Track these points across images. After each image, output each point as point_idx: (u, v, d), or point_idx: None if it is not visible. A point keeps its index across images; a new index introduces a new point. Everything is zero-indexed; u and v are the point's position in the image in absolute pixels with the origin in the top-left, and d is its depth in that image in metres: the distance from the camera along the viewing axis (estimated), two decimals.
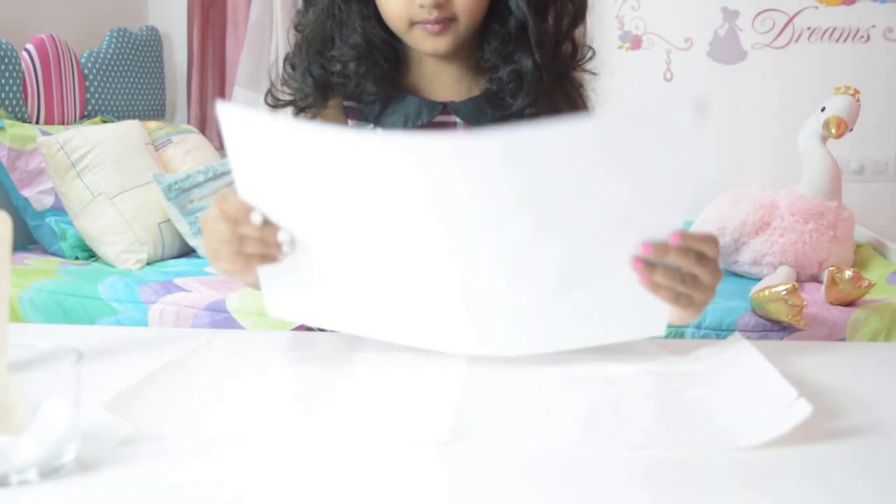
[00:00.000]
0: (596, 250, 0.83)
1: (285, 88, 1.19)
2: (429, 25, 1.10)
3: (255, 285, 0.95)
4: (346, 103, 1.19)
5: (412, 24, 1.11)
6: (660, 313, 0.90)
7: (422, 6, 1.09)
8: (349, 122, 1.18)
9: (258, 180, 0.84)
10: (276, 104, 1.19)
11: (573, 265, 0.83)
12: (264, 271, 0.91)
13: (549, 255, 0.82)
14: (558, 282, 0.85)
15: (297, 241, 0.87)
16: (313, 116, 1.17)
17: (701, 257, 0.85)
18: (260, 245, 0.87)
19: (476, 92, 1.20)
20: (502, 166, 0.73)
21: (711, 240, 0.87)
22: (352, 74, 1.14)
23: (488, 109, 1.17)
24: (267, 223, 0.86)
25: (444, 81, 1.21)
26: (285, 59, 1.19)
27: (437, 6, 1.09)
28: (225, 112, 0.79)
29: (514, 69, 1.15)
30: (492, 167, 0.73)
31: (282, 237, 0.86)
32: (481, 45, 1.18)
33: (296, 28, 1.18)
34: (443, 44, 1.12)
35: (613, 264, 0.84)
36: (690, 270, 0.86)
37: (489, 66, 1.17)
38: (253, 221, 0.86)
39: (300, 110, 1.17)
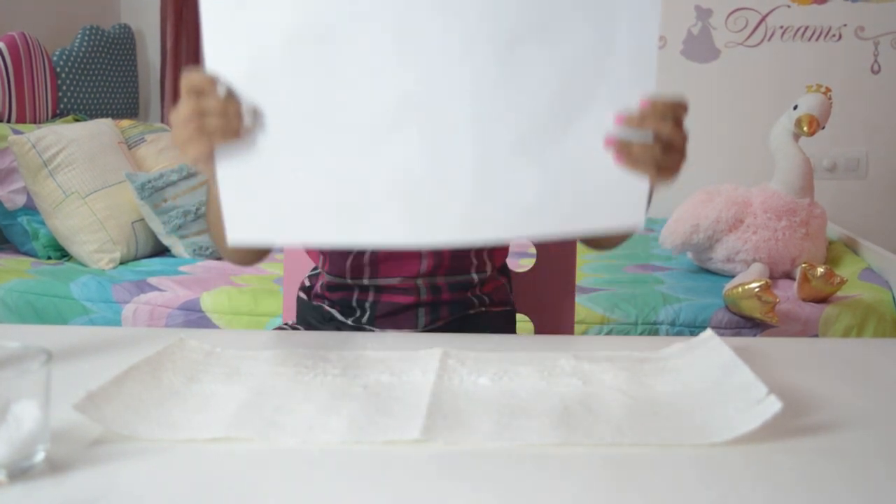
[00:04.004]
0: (564, 109, 0.81)
1: None
2: None
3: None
4: None
5: None
6: (638, 200, 0.87)
7: None
8: None
9: (229, 48, 0.82)
10: None
11: (539, 120, 0.82)
12: (226, 184, 0.88)
13: (515, 105, 0.80)
14: (524, 135, 0.82)
15: (260, 115, 0.84)
16: None
17: (677, 121, 0.85)
18: (222, 117, 0.85)
19: None
20: None
21: (682, 101, 0.86)
22: None
23: None
24: (231, 95, 0.85)
25: None
26: None
27: None
28: None
29: None
30: None
31: (245, 107, 0.85)
32: None
33: None
34: None
35: (584, 135, 0.83)
36: (668, 136, 0.85)
37: None
38: (218, 93, 0.84)
39: None
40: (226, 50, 0.82)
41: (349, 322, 1.25)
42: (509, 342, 1.06)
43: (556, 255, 1.48)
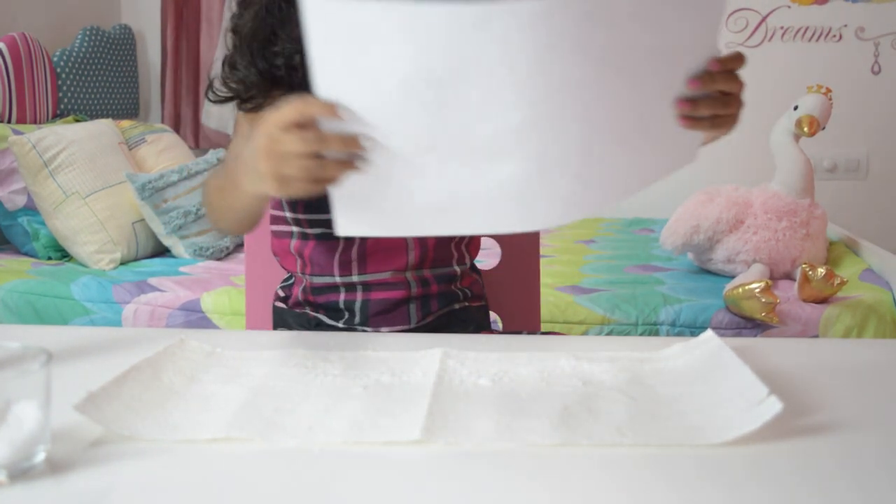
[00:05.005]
0: (642, 89, 0.84)
1: (228, 84, 1.16)
2: None
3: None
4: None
5: None
6: (694, 139, 0.93)
7: None
8: None
9: (340, 74, 0.79)
10: (217, 100, 1.18)
11: (633, 108, 0.85)
12: (336, 189, 0.85)
13: (611, 101, 0.83)
14: (610, 123, 0.85)
15: (375, 143, 0.81)
16: (255, 108, 1.14)
17: (736, 75, 0.89)
18: (343, 145, 0.81)
19: None
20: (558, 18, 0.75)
21: (739, 54, 0.90)
22: (298, 66, 1.12)
23: None
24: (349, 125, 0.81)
25: None
26: (224, 60, 1.17)
27: None
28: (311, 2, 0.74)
29: None
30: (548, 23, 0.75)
31: (363, 135, 0.80)
32: None
33: (233, 30, 1.16)
34: None
35: (654, 100, 0.86)
36: (731, 90, 0.89)
37: None
38: (341, 117, 0.79)
39: (243, 101, 1.15)
40: (337, 84, 0.80)
41: (340, 325, 1.25)
42: (509, 342, 1.06)
43: (521, 252, 1.50)
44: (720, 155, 3.54)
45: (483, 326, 1.34)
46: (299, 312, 1.28)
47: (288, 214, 1.24)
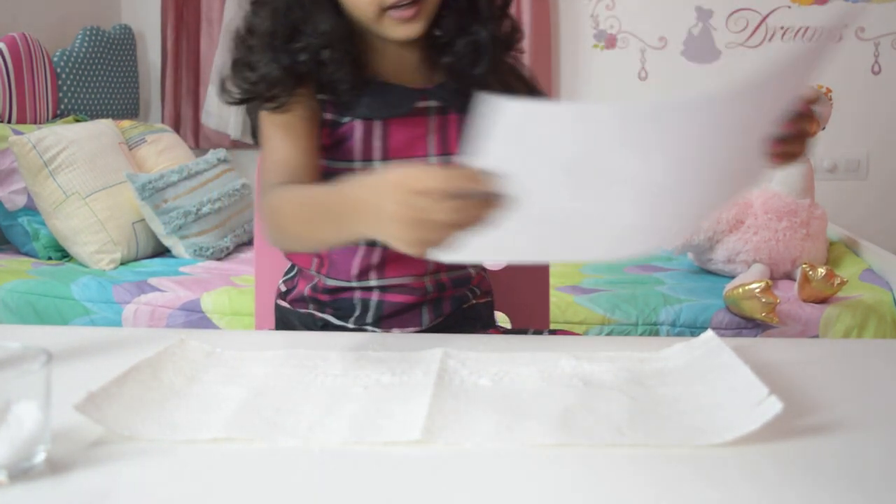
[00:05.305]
0: (746, 143, 0.86)
1: (245, 84, 1.14)
2: (402, 11, 1.09)
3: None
4: (318, 96, 1.17)
5: (382, 11, 1.10)
6: (764, 168, 0.95)
7: None
8: (325, 114, 1.17)
9: (503, 154, 0.79)
10: (233, 101, 1.16)
11: (729, 158, 0.86)
12: None
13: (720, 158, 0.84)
14: (717, 174, 0.86)
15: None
16: (279, 107, 1.13)
17: (812, 110, 0.92)
18: (488, 209, 0.79)
19: (438, 78, 1.21)
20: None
21: (817, 91, 0.90)
22: (327, 61, 1.12)
23: (458, 89, 1.19)
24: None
25: (405, 69, 1.20)
26: (237, 61, 1.15)
27: None
28: (504, 109, 0.74)
29: (471, 40, 1.17)
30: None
31: (503, 192, 0.79)
32: (437, 22, 1.17)
33: (248, 29, 1.15)
34: (416, 28, 1.12)
35: (752, 146, 0.88)
36: (812, 127, 0.92)
37: (444, 42, 1.18)
38: (494, 188, 0.78)
39: (266, 100, 1.12)
40: (499, 161, 0.80)
41: (349, 324, 1.24)
42: (510, 342, 1.06)
43: None
44: None
45: (489, 324, 1.34)
46: (304, 312, 1.27)
47: None
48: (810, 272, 2.18)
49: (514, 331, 1.36)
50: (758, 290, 2.07)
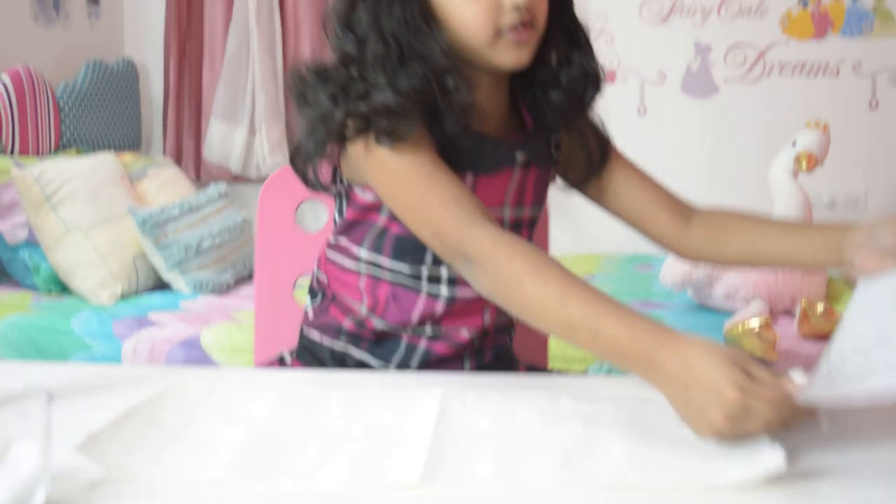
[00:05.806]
0: None
1: (356, 114, 1.02)
2: (518, 32, 1.04)
3: None
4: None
5: (498, 33, 1.04)
6: None
7: (516, 8, 1.02)
8: None
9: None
10: (351, 136, 1.04)
11: None
12: None
13: None
14: None
15: None
16: (397, 136, 1.01)
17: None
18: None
19: (514, 125, 1.18)
20: None
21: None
22: (451, 90, 1.04)
23: (543, 144, 1.18)
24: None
25: (493, 114, 1.14)
26: (338, 92, 1.03)
27: (528, 8, 1.03)
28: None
29: (579, 69, 1.14)
30: None
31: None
32: (540, 54, 1.11)
33: (353, 57, 1.05)
34: (526, 53, 1.07)
35: None
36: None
37: (543, 79, 1.14)
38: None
39: (387, 134, 1.01)
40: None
41: (391, 366, 1.17)
42: (508, 381, 1.06)
43: None
44: (719, 191, 3.56)
45: (510, 358, 1.29)
46: (338, 350, 1.18)
47: (363, 253, 1.15)
48: (809, 309, 2.18)
49: (510, 372, 1.34)
50: (757, 328, 2.07)
